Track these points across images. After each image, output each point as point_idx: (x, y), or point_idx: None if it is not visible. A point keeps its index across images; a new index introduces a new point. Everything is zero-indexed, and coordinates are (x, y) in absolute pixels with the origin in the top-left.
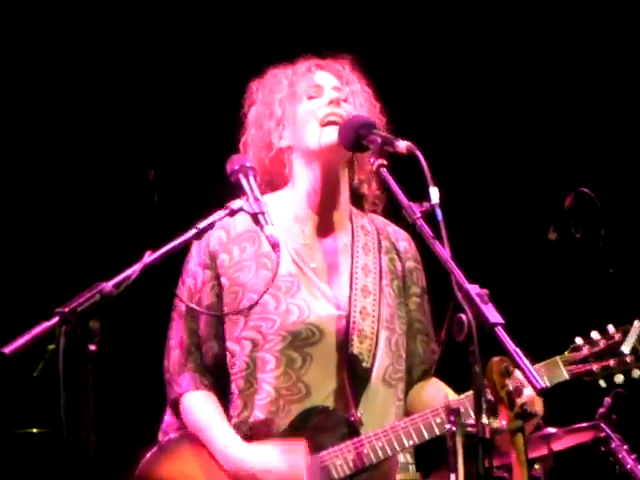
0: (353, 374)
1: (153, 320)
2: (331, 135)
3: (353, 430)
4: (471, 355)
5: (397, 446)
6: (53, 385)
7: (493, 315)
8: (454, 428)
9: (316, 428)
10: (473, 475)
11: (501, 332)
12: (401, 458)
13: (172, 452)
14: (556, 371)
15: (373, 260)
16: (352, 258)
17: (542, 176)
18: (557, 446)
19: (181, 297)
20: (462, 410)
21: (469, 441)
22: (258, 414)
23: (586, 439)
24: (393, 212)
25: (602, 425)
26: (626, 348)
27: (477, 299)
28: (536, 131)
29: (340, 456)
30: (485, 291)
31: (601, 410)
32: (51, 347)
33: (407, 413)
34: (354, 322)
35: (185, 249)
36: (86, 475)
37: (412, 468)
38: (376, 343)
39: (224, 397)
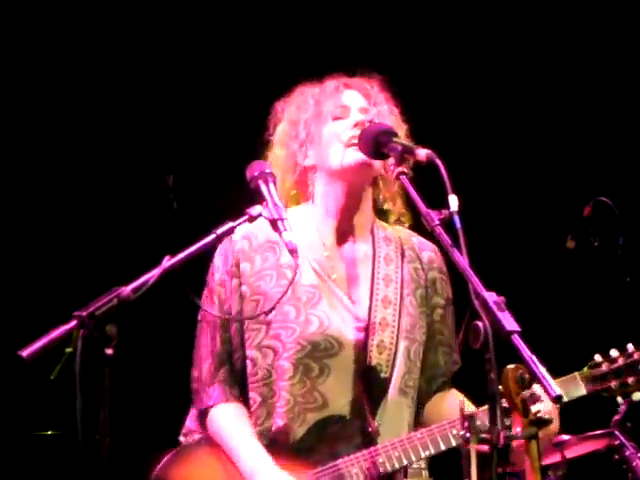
0: (371, 385)
1: (171, 325)
2: (353, 156)
3: (370, 440)
4: (487, 362)
5: (413, 456)
6: (70, 388)
7: (509, 323)
8: (468, 434)
9: (333, 437)
10: None
11: (517, 340)
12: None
13: (190, 456)
14: (574, 386)
15: (395, 269)
16: (373, 268)
17: (561, 185)
18: (570, 453)
19: (210, 307)
20: (478, 422)
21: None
22: (278, 421)
23: (600, 446)
24: (419, 228)
25: (616, 433)
26: None
27: (494, 307)
28: (556, 140)
29: (356, 464)
30: (502, 299)
31: (616, 417)
32: (68, 350)
33: (425, 424)
34: (373, 333)
35: (204, 255)
36: (100, 478)
37: (425, 473)
38: (395, 353)
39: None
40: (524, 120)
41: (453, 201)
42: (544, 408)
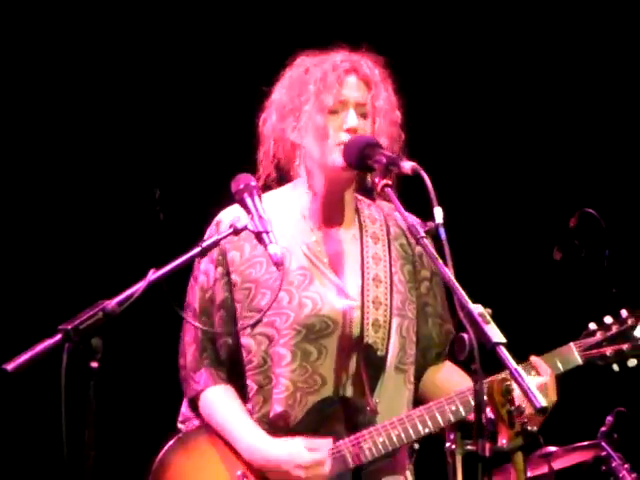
0: (368, 363)
1: (156, 338)
2: (337, 160)
3: (369, 418)
4: (473, 374)
5: (413, 434)
6: (55, 402)
7: (495, 334)
8: (454, 446)
9: (332, 417)
10: None
11: (502, 351)
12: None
13: (190, 444)
14: (570, 356)
15: (382, 248)
16: (362, 248)
17: (547, 196)
18: (558, 465)
19: (192, 295)
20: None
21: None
22: (277, 408)
23: (587, 458)
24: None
25: (603, 444)
26: None
27: (479, 318)
28: (540, 152)
29: (356, 445)
30: (488, 310)
31: (603, 429)
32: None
33: (422, 396)
34: (367, 312)
35: (189, 267)
36: None
37: None
38: (389, 331)
39: (239, 392)
40: (509, 132)
41: (438, 213)
42: (540, 381)
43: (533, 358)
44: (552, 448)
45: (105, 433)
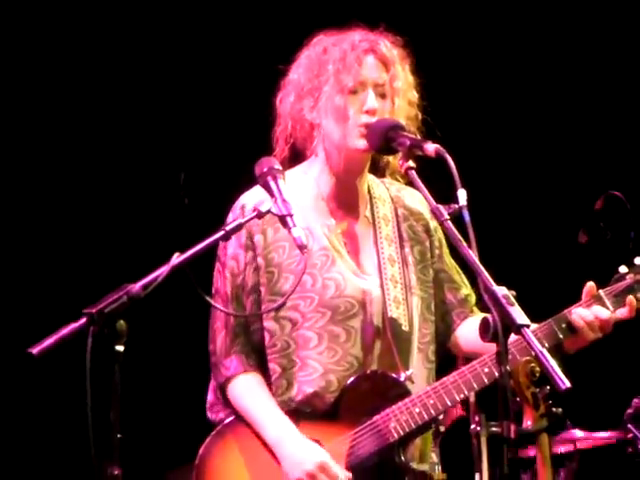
0: (395, 337)
1: (180, 322)
2: (358, 143)
3: (404, 390)
4: (498, 356)
5: (448, 401)
6: (80, 385)
7: (520, 317)
8: (479, 428)
9: (368, 393)
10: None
11: (527, 333)
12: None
13: (229, 436)
14: (600, 306)
15: (393, 230)
16: (374, 229)
17: (572, 179)
18: (583, 444)
19: (222, 281)
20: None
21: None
22: (307, 389)
23: (613, 440)
24: None
25: (629, 426)
26: None
27: (503, 301)
28: (567, 134)
29: (393, 418)
30: (512, 293)
31: (629, 411)
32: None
33: (459, 353)
34: (387, 289)
35: (212, 251)
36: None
37: (438, 468)
38: (408, 308)
39: (263, 376)
40: (535, 113)
41: (462, 195)
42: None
43: (601, 291)
44: (578, 432)
45: (130, 416)
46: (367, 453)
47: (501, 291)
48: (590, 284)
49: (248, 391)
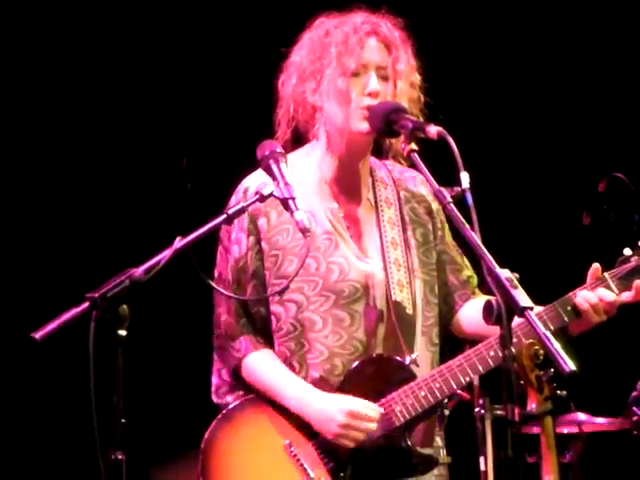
0: (400, 320)
1: (182, 306)
2: (360, 125)
3: (409, 374)
4: (501, 339)
5: (454, 384)
6: (83, 370)
7: (523, 299)
8: (483, 412)
9: (373, 377)
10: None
11: (531, 316)
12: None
13: (235, 419)
14: (605, 288)
15: (395, 213)
16: (377, 212)
17: (576, 160)
18: (589, 428)
19: (224, 265)
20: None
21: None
22: (313, 373)
23: (616, 426)
24: None
25: (635, 409)
26: None
27: (507, 283)
28: (570, 116)
29: (399, 402)
30: (515, 275)
31: (634, 394)
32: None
33: (461, 334)
34: (391, 272)
35: (215, 234)
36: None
37: (443, 452)
38: (412, 292)
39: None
40: (539, 95)
41: (465, 178)
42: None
43: (606, 274)
44: (583, 415)
45: (134, 401)
46: (373, 437)
47: (504, 274)
48: (595, 266)
49: (263, 365)
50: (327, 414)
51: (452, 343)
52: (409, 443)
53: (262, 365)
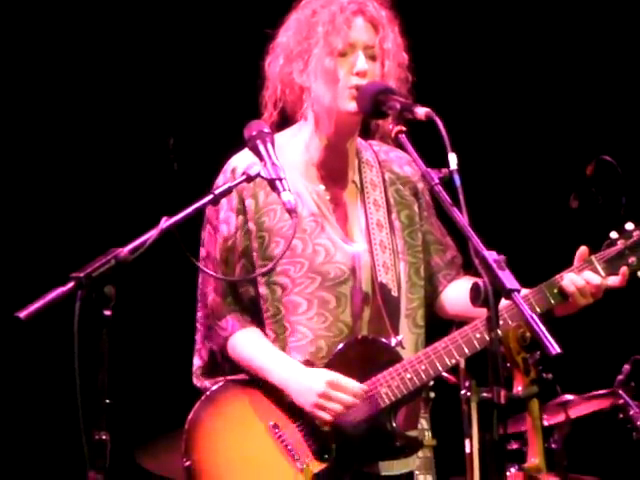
0: (385, 302)
1: (168, 286)
2: (348, 105)
3: (395, 356)
4: (488, 321)
5: (440, 366)
6: (68, 350)
7: (510, 281)
8: (469, 394)
9: (358, 359)
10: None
11: (518, 298)
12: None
13: (219, 400)
14: (592, 271)
15: (380, 195)
16: (362, 194)
17: (563, 143)
18: (575, 413)
19: (212, 245)
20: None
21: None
22: (296, 356)
23: (604, 406)
24: None
25: (620, 392)
26: None
27: (494, 265)
28: (557, 98)
29: (384, 384)
30: (502, 257)
31: (620, 377)
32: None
33: (445, 315)
34: (376, 254)
35: (201, 214)
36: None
37: (428, 434)
38: (397, 274)
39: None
40: (525, 78)
41: (452, 159)
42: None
43: (592, 257)
44: (569, 396)
45: (119, 381)
46: (358, 419)
47: (492, 255)
48: (583, 248)
49: (249, 342)
50: (307, 383)
51: (439, 325)
52: (394, 425)
53: (248, 343)
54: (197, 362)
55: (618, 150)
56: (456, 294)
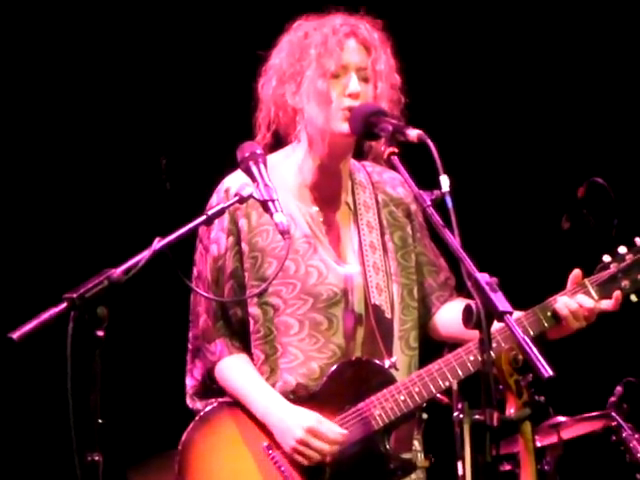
0: (379, 323)
1: (162, 306)
2: (341, 126)
3: (389, 377)
4: (480, 343)
5: (433, 389)
6: (61, 370)
7: (502, 303)
8: (462, 416)
9: (352, 380)
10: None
11: (510, 320)
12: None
13: (212, 421)
14: (586, 294)
15: (373, 216)
16: (355, 216)
17: (555, 165)
18: (567, 434)
19: (203, 264)
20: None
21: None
22: (288, 377)
23: (597, 428)
24: None
25: (613, 414)
26: None
27: (486, 287)
28: (549, 120)
29: (378, 406)
30: (494, 279)
31: (612, 399)
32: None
33: (438, 337)
34: (370, 276)
35: (194, 235)
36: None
37: (420, 456)
38: (390, 295)
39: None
40: (518, 98)
41: (445, 181)
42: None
43: (586, 280)
44: (561, 418)
45: (111, 402)
46: (351, 440)
47: (484, 278)
48: (576, 271)
49: (235, 370)
50: (286, 425)
51: (432, 346)
52: (387, 447)
53: (234, 371)
54: (190, 382)
55: (610, 172)
56: (449, 316)
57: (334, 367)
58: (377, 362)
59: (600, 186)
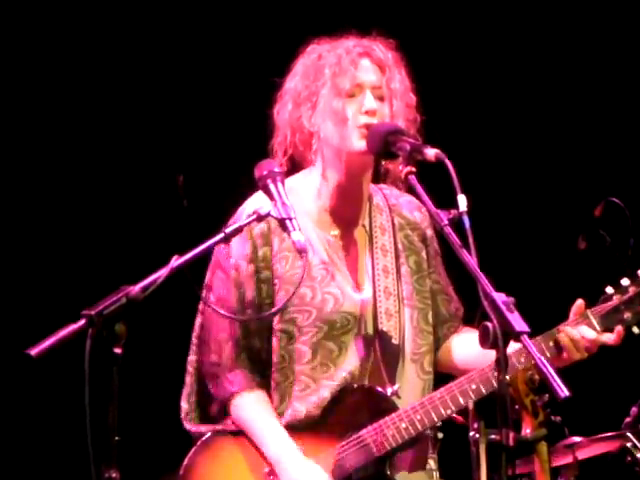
0: (384, 351)
1: (179, 324)
2: (358, 144)
3: (391, 405)
4: (497, 363)
5: (435, 417)
6: (79, 387)
7: (519, 324)
8: (477, 435)
9: (354, 407)
10: None
11: (527, 341)
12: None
13: (215, 445)
14: (588, 325)
15: (389, 240)
16: (371, 239)
17: (572, 185)
18: (582, 454)
19: (224, 289)
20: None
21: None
22: (298, 406)
23: (612, 448)
24: None
25: (629, 434)
26: None
27: (503, 307)
28: (566, 140)
29: (379, 433)
30: (511, 299)
31: (627, 420)
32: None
33: (443, 367)
34: (380, 301)
35: (211, 253)
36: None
37: (436, 475)
38: (400, 320)
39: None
40: (535, 119)
41: (462, 201)
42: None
43: (588, 311)
44: (577, 438)
45: (129, 419)
46: (353, 467)
47: (500, 297)
48: (579, 302)
49: (251, 408)
50: (295, 477)
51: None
52: (388, 473)
53: (251, 410)
54: (184, 406)
55: (626, 192)
56: (461, 346)
57: (335, 394)
58: (379, 389)
59: (617, 206)
